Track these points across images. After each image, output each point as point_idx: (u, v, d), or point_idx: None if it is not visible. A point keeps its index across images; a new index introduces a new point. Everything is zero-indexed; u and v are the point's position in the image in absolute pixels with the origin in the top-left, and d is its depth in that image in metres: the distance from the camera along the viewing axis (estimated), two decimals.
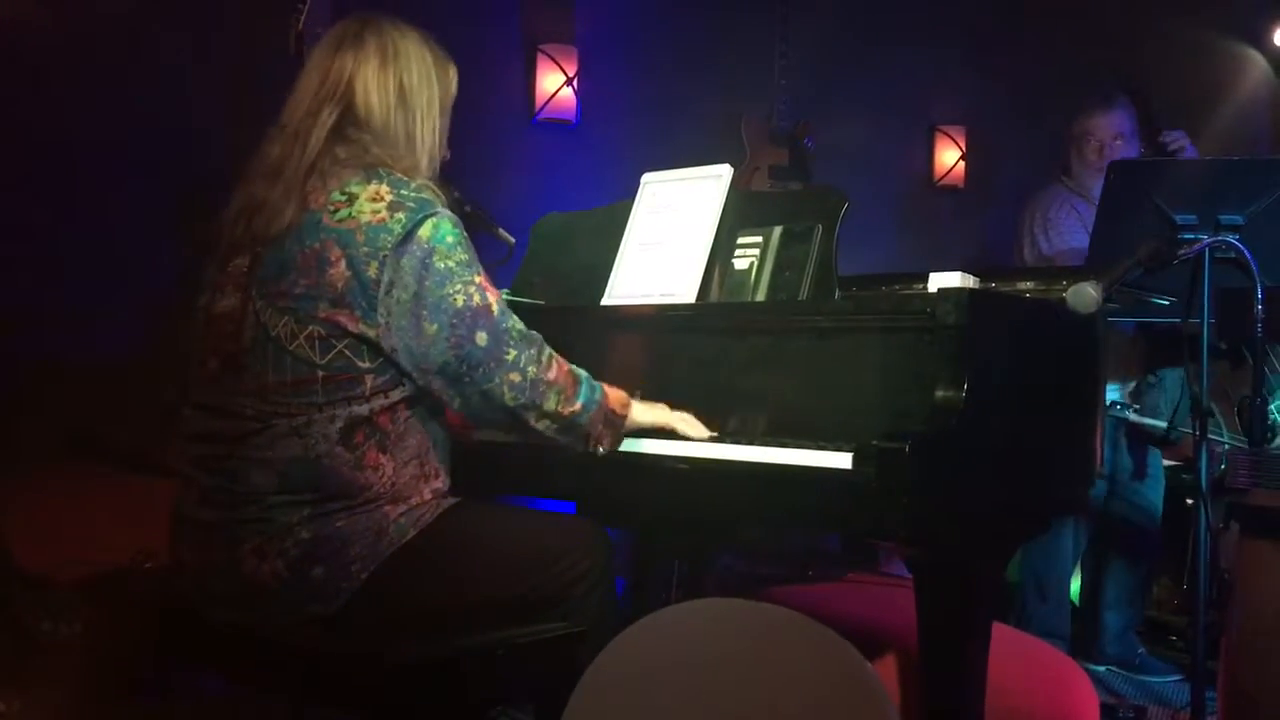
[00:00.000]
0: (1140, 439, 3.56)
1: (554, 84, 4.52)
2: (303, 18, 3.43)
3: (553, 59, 4.52)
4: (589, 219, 2.74)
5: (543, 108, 4.53)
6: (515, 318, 2.01)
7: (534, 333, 2.04)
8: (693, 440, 2.13)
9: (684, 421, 2.15)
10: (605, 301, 2.51)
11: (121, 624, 2.77)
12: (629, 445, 2.16)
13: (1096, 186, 3.78)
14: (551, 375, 2.01)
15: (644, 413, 2.15)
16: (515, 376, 1.97)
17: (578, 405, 2.03)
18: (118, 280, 3.53)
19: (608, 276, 2.53)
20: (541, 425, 2.03)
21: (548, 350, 2.04)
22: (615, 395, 2.11)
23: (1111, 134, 3.80)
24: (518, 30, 4.53)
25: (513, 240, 2.70)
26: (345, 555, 1.90)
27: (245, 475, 1.91)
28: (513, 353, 1.97)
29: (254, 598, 1.91)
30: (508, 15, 4.50)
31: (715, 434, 2.16)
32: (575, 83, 4.54)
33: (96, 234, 3.54)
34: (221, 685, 2.24)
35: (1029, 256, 3.85)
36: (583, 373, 2.08)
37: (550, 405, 2.01)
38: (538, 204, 3.00)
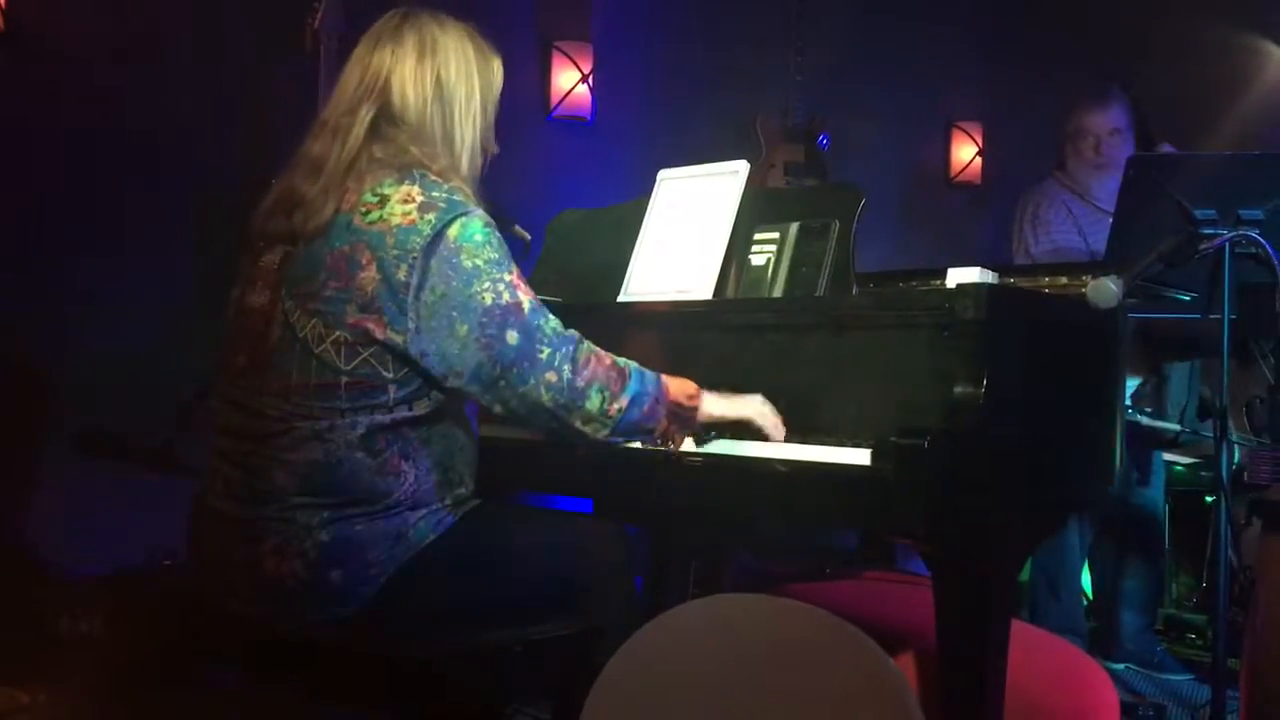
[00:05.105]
0: (1145, 441, 3.54)
1: (569, 81, 4.52)
2: (319, 16, 3.44)
3: (568, 56, 4.52)
4: (605, 216, 2.74)
5: (558, 105, 4.53)
6: (550, 316, 1.95)
7: (572, 331, 1.97)
8: (772, 437, 2.06)
9: (761, 415, 2.08)
10: (622, 298, 2.51)
11: (140, 620, 2.78)
12: (644, 443, 2.14)
13: (1094, 183, 3.78)
14: (590, 372, 1.93)
15: (718, 404, 2.07)
16: (552, 376, 1.91)
17: (624, 401, 1.95)
18: (131, 277, 3.54)
19: (624, 273, 2.53)
20: (591, 429, 1.95)
21: (586, 345, 1.97)
22: (678, 386, 2.03)
23: (1108, 129, 3.78)
24: (533, 27, 4.54)
25: (528, 237, 2.70)
26: (363, 559, 1.90)
27: (268, 474, 1.91)
28: (547, 351, 1.92)
29: (272, 596, 1.91)
30: (523, 12, 4.51)
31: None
32: (590, 80, 4.54)
33: (111, 231, 3.56)
34: (239, 681, 2.24)
35: (1019, 257, 3.84)
36: (632, 365, 2.00)
37: (594, 405, 1.93)
38: (553, 201, 3.00)
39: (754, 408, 2.09)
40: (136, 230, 3.58)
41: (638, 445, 2.12)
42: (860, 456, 1.87)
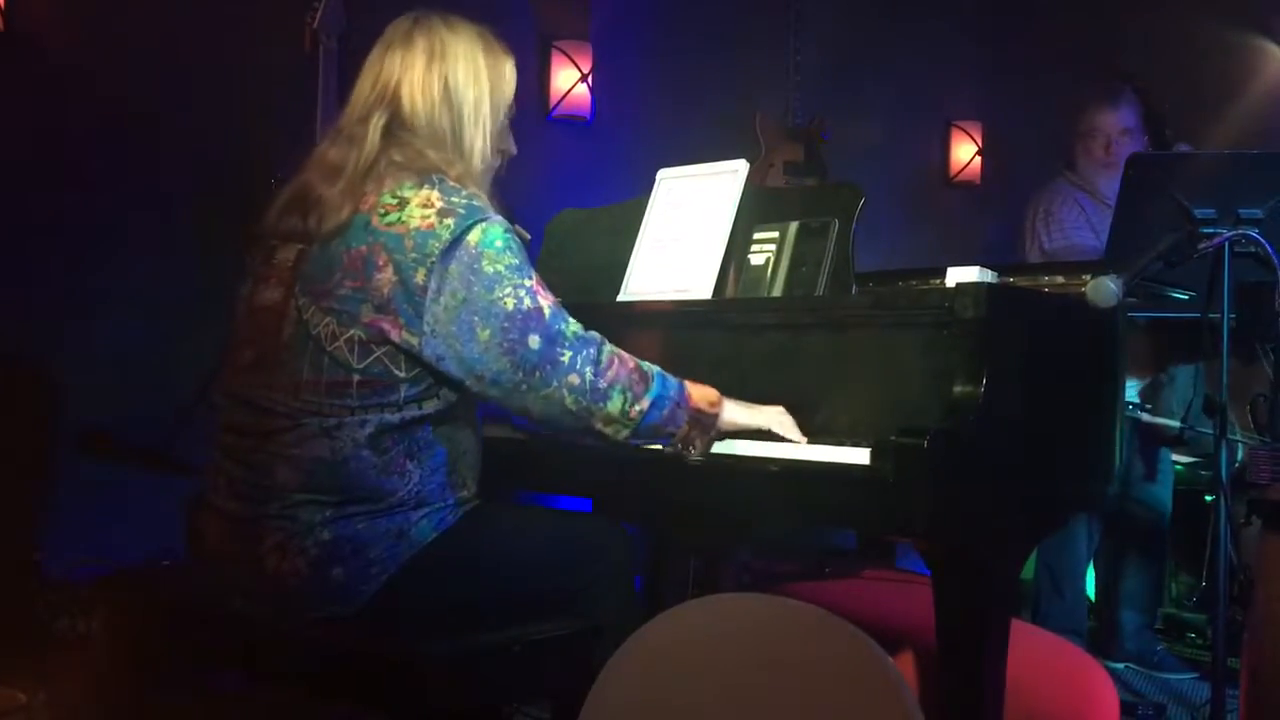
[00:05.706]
0: (1152, 439, 3.54)
1: (568, 80, 4.52)
2: (318, 15, 3.44)
3: (567, 55, 4.52)
4: (604, 215, 2.73)
5: (557, 104, 4.53)
6: (571, 320, 1.96)
7: (593, 333, 1.98)
8: (791, 442, 2.04)
9: (781, 424, 2.06)
10: (621, 298, 2.51)
11: (140, 620, 2.78)
12: (664, 447, 2.11)
13: (1103, 182, 3.79)
14: (613, 374, 1.94)
15: (739, 412, 2.06)
16: (574, 379, 1.92)
17: (646, 403, 1.96)
18: (131, 277, 3.54)
19: (623, 273, 2.52)
20: (611, 430, 1.97)
21: (609, 348, 1.97)
22: (701, 392, 2.03)
23: (1119, 129, 3.78)
24: (532, 27, 4.54)
25: (528, 237, 2.69)
26: (365, 557, 1.90)
27: (271, 471, 1.91)
28: (568, 354, 1.92)
29: (273, 594, 1.91)
30: (522, 12, 4.50)
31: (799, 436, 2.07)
32: (590, 79, 4.54)
33: (111, 230, 3.55)
34: (239, 681, 2.24)
35: (1032, 254, 3.84)
36: (654, 369, 2.01)
37: (615, 406, 1.94)
38: (553, 201, 3.00)
39: (774, 417, 2.08)
40: (137, 230, 3.58)
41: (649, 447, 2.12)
42: (859, 456, 1.87)
